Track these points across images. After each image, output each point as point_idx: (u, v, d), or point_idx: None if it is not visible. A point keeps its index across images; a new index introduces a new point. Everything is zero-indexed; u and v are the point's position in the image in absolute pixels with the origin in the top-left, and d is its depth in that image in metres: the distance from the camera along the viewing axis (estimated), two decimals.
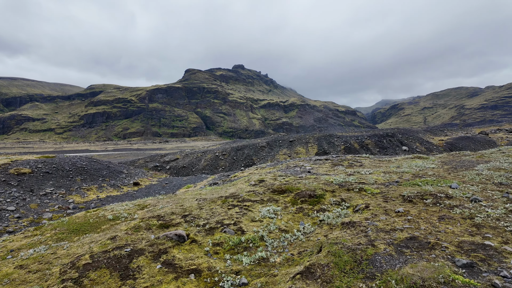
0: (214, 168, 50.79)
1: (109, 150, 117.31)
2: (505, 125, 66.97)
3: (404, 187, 8.93)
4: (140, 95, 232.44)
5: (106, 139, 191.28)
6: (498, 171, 10.60)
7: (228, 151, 54.81)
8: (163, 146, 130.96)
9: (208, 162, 52.52)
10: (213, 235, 6.26)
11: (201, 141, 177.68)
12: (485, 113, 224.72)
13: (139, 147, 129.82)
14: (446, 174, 10.68)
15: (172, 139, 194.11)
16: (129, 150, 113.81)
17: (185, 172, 50.92)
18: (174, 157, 56.45)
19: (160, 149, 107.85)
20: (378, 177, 10.72)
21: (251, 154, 53.17)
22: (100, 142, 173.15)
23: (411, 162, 13.91)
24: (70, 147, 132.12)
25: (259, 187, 9.46)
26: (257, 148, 54.92)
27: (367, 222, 6.23)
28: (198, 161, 53.35)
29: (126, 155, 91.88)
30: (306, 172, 12.03)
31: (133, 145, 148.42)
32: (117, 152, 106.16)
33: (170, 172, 51.92)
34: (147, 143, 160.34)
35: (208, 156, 54.51)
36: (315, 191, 8.63)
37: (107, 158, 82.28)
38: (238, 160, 51.67)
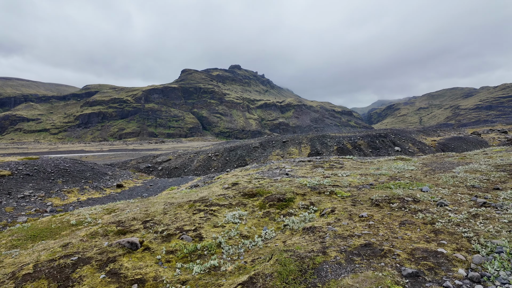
0: (206, 169, 50.57)
1: (105, 150, 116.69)
2: (498, 125, 67.36)
3: (376, 190, 8.81)
4: (136, 95, 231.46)
5: (102, 139, 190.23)
6: (474, 173, 10.52)
7: (221, 152, 54.60)
8: (159, 147, 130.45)
9: (201, 163, 52.28)
10: (169, 242, 6.08)
11: (197, 141, 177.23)
12: (479, 113, 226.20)
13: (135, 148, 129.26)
14: (422, 177, 10.57)
15: (169, 139, 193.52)
16: (124, 151, 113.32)
17: (177, 173, 50.66)
18: (166, 158, 56.13)
19: (156, 150, 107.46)
20: (354, 179, 10.59)
21: (244, 155, 52.99)
22: (95, 142, 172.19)
23: (392, 164, 13.81)
24: (65, 148, 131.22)
25: (231, 191, 9.29)
26: (250, 149, 54.76)
27: (327, 228, 6.09)
28: (190, 162, 53.10)
29: (121, 155, 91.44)
30: (284, 175, 11.88)
31: (128, 145, 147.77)
32: (112, 152, 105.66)
33: (162, 173, 51.66)
34: (143, 143, 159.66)
35: (201, 157, 54.28)
36: (285, 195, 8.47)
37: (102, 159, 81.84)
38: (230, 161, 51.47)
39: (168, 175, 50.31)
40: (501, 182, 9.13)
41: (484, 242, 4.97)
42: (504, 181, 9.16)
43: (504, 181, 9.16)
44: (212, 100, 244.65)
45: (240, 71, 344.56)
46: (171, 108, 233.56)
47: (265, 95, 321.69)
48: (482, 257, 4.49)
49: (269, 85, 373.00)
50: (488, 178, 9.64)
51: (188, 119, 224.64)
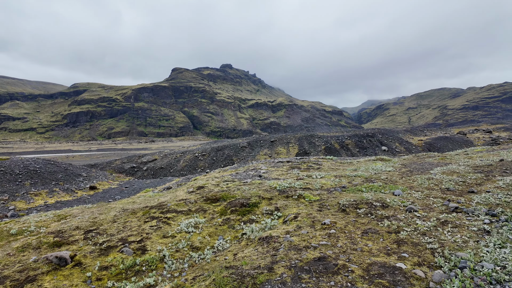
0: (193, 169, 49.73)
1: (93, 150, 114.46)
2: (483, 125, 68.32)
3: (347, 194, 8.30)
4: (125, 94, 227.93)
5: (90, 139, 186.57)
6: (451, 174, 10.12)
7: (208, 152, 53.77)
8: (149, 146, 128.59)
9: (187, 163, 51.37)
10: (106, 256, 5.41)
11: (188, 140, 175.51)
12: (466, 113, 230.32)
13: (124, 147, 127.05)
14: (398, 179, 10.12)
15: (159, 138, 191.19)
16: (113, 150, 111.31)
17: (162, 173, 49.73)
18: (152, 158, 55.04)
19: (145, 149, 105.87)
20: (327, 181, 10.08)
21: (231, 155, 52.30)
22: (84, 142, 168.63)
23: (370, 165, 13.38)
24: (52, 147, 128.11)
25: (194, 195, 8.66)
26: (237, 149, 54.11)
27: (284, 237, 5.52)
28: (176, 162, 52.15)
29: (109, 155, 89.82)
30: (257, 177, 11.29)
31: (117, 145, 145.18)
32: (101, 152, 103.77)
33: (147, 173, 50.65)
34: (133, 143, 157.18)
35: (187, 156, 53.36)
36: (249, 199, 7.88)
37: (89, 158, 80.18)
38: (218, 161, 50.72)
39: (153, 176, 49.35)
40: (477, 184, 8.74)
41: (449, 254, 4.47)
42: (480, 184, 8.77)
43: (480, 184, 8.77)
44: (203, 99, 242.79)
45: (232, 70, 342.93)
46: (161, 107, 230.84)
47: (257, 94, 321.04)
48: (443, 274, 3.98)
49: (261, 84, 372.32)
50: (464, 180, 9.24)
51: (179, 118, 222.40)
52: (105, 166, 53.55)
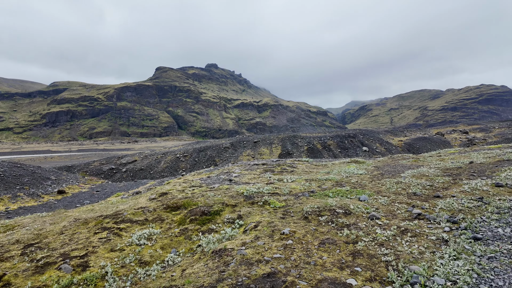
0: (174, 170, 48.81)
1: (73, 150, 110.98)
2: (460, 126, 70.56)
3: (313, 199, 8.07)
4: (107, 93, 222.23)
5: (71, 139, 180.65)
6: (420, 178, 10.10)
7: (190, 153, 52.93)
8: (132, 146, 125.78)
9: (168, 164, 50.38)
10: (42, 274, 4.92)
11: (172, 141, 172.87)
12: (445, 114, 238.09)
13: (106, 148, 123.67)
14: (368, 182, 10.01)
15: (142, 139, 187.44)
16: (94, 151, 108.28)
17: (142, 175, 48.57)
18: (132, 159, 53.64)
19: (128, 149, 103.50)
20: (297, 186, 9.84)
21: (213, 156, 51.68)
22: (64, 142, 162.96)
23: (343, 168, 13.28)
24: (30, 148, 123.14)
25: (155, 202, 8.21)
26: (220, 149, 53.52)
27: (239, 250, 5.19)
28: (157, 163, 51.04)
29: (89, 156, 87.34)
30: (227, 181, 10.93)
31: (99, 145, 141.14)
32: (81, 153, 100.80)
33: (126, 175, 49.34)
34: (115, 143, 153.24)
35: (169, 157, 52.32)
36: (212, 207, 7.52)
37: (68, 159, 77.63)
38: (200, 162, 50.00)
39: (133, 177, 48.15)
40: (444, 188, 8.71)
41: (402, 268, 4.27)
42: (447, 188, 8.75)
43: (447, 188, 8.75)
44: (188, 99, 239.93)
45: (217, 70, 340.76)
46: (145, 106, 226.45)
47: (242, 94, 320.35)
48: None
49: (246, 84, 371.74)
50: (432, 184, 9.22)
51: (163, 118, 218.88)
52: (83, 168, 51.88)
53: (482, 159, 13.29)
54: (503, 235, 5.11)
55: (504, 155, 13.41)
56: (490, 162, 12.37)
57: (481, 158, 13.54)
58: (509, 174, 9.29)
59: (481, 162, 12.49)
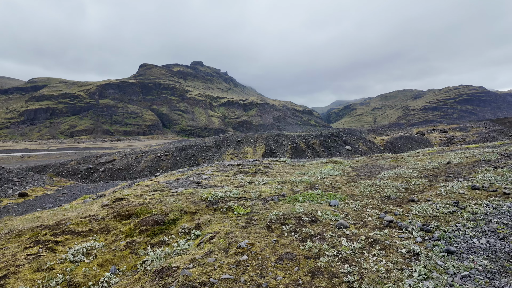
0: (154, 170, 47.47)
1: (53, 149, 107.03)
2: (440, 125, 72.11)
3: (281, 204, 7.43)
4: (89, 90, 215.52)
5: (51, 137, 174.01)
6: (396, 180, 9.66)
7: (171, 152, 51.63)
8: (115, 145, 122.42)
9: (148, 164, 48.95)
10: None
11: (157, 139, 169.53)
12: (426, 114, 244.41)
13: (88, 146, 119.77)
14: (342, 185, 9.48)
15: (125, 137, 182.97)
16: (75, 149, 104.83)
17: (121, 175, 47.03)
18: (110, 158, 51.87)
19: (111, 148, 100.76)
20: (268, 188, 9.20)
21: (196, 155, 50.62)
22: (43, 140, 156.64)
23: (319, 169, 12.76)
24: (6, 147, 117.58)
25: (106, 210, 7.35)
26: (203, 148, 52.49)
27: (183, 269, 4.47)
28: (137, 163, 49.51)
29: (69, 155, 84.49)
30: (194, 184, 10.15)
31: (81, 144, 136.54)
32: (61, 151, 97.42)
33: (104, 175, 47.67)
34: (97, 141, 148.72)
35: (149, 157, 50.84)
36: (168, 215, 6.75)
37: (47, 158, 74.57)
38: (181, 161, 48.82)
39: (111, 177, 46.52)
40: (419, 191, 8.27)
41: None
42: (423, 190, 8.32)
43: (423, 190, 8.32)
44: (173, 97, 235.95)
45: (203, 68, 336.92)
46: (128, 104, 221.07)
47: (228, 93, 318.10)
48: None
49: (232, 83, 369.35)
50: (407, 186, 8.77)
51: (147, 116, 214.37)
52: (58, 167, 49.83)
53: (459, 159, 13.09)
54: (478, 247, 4.61)
55: (481, 155, 13.26)
56: (467, 162, 12.14)
57: (459, 158, 13.33)
58: (486, 176, 8.97)
59: (458, 163, 12.25)
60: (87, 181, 44.77)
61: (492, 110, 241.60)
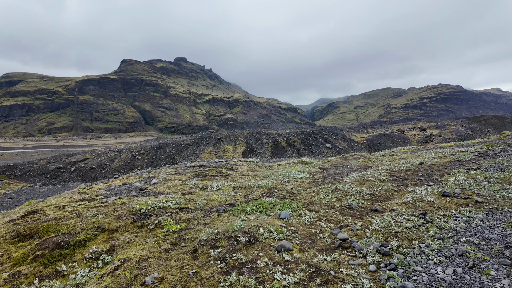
0: (128, 169, 45.52)
1: (29, 147, 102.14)
2: (419, 123, 73.13)
3: (225, 217, 6.29)
4: (68, 86, 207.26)
5: (27, 134, 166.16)
6: (362, 184, 8.71)
7: (147, 150, 49.69)
8: (95, 143, 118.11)
9: (122, 163, 46.90)
10: None
11: (139, 136, 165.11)
12: (407, 112, 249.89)
13: (66, 144, 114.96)
14: (302, 190, 8.43)
15: (106, 134, 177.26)
16: (53, 147, 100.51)
17: (93, 174, 44.91)
18: (82, 157, 49.44)
19: (90, 146, 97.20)
20: (219, 196, 8.03)
21: (173, 153, 48.97)
22: (18, 138, 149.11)
23: (287, 170, 11.72)
24: None
25: (8, 227, 5.97)
26: (180, 146, 50.81)
27: None
28: (110, 162, 47.38)
29: (45, 153, 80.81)
30: (136, 190, 8.85)
31: (59, 141, 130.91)
32: (37, 149, 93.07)
33: (75, 174, 45.39)
34: (77, 139, 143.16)
35: (123, 155, 48.75)
36: (77, 235, 5.47)
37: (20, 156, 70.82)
38: (158, 160, 47.04)
39: (82, 177, 44.36)
40: (385, 198, 7.32)
41: None
42: (389, 197, 7.38)
43: (389, 197, 7.38)
44: (156, 93, 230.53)
45: (187, 64, 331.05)
46: (109, 100, 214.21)
47: (213, 90, 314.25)
48: None
49: (217, 79, 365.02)
50: (373, 192, 7.81)
51: (129, 113, 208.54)
52: (26, 167, 47.13)
53: (433, 159, 12.37)
54: (442, 280, 3.61)
55: (455, 155, 12.61)
56: (440, 163, 11.42)
57: (432, 158, 12.62)
58: (458, 179, 8.15)
59: (432, 163, 11.51)
60: (56, 181, 42.38)
61: (468, 108, 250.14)
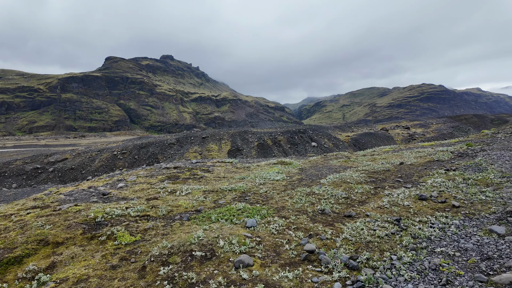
0: (109, 169, 44.16)
1: (8, 147, 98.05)
2: (403, 122, 74.26)
3: (187, 226, 5.75)
4: (50, 84, 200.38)
5: (7, 133, 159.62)
6: (339, 186, 8.33)
7: (129, 149, 48.36)
8: (78, 142, 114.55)
9: (103, 163, 45.50)
10: None
11: (124, 135, 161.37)
12: (392, 111, 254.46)
13: (48, 143, 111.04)
14: (277, 193, 7.98)
15: (90, 133, 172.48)
16: (34, 147, 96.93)
17: (72, 175, 43.37)
18: (61, 157, 47.73)
19: (74, 145, 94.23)
20: (186, 201, 7.48)
21: (156, 153, 47.86)
22: None
23: (265, 171, 11.24)
24: None
25: None
26: (164, 146, 49.74)
27: None
28: (91, 162, 45.90)
29: (26, 152, 77.77)
30: (99, 195, 8.17)
31: (40, 140, 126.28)
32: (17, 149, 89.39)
33: (53, 175, 43.72)
34: (59, 138, 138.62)
35: (104, 155, 47.31)
36: (14, 250, 4.81)
37: None
38: (140, 160, 45.82)
39: (61, 178, 42.79)
40: (360, 202, 6.95)
41: None
42: (364, 201, 7.01)
43: (364, 201, 7.01)
44: (142, 92, 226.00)
45: (173, 62, 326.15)
46: (93, 99, 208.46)
47: (200, 88, 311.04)
48: None
49: (204, 78, 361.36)
50: (348, 195, 7.43)
51: (114, 111, 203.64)
52: (1, 168, 45.02)
53: (413, 159, 12.18)
54: None
55: (435, 155, 12.46)
56: (420, 163, 11.22)
57: (412, 158, 12.43)
58: (436, 181, 7.87)
59: (411, 163, 11.29)
60: (33, 182, 40.70)
61: (450, 107, 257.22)
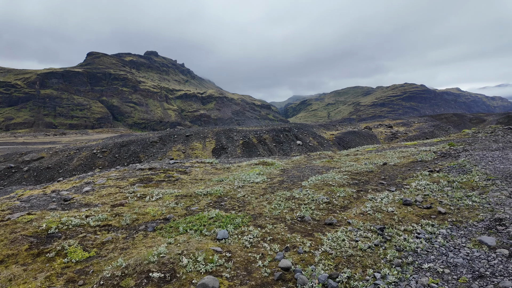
0: (88, 168, 42.63)
1: None
2: (386, 120, 75.43)
3: (150, 239, 5.14)
4: (28, 79, 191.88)
5: None
6: (321, 189, 7.90)
7: (109, 148, 46.77)
8: (58, 139, 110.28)
9: (82, 162, 43.86)
10: None
11: (107, 133, 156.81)
12: (375, 109, 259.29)
13: (26, 141, 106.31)
14: (255, 198, 7.44)
15: (71, 131, 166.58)
16: (10, 145, 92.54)
17: (49, 174, 41.60)
18: (37, 156, 45.69)
19: (54, 143, 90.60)
20: (156, 208, 6.84)
21: (138, 151, 46.49)
22: None
23: (245, 173, 10.70)
24: None
25: None
26: (146, 144, 48.39)
27: None
28: (69, 161, 44.12)
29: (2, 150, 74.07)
30: (59, 201, 7.39)
31: (18, 138, 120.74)
32: None
33: (28, 175, 41.83)
34: (38, 135, 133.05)
35: (83, 154, 45.57)
36: None
37: None
38: (121, 158, 44.40)
39: (37, 178, 40.96)
40: (342, 208, 6.53)
41: None
42: (346, 206, 6.59)
43: (346, 206, 6.59)
44: (125, 88, 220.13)
45: (158, 58, 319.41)
46: (74, 95, 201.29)
47: (186, 85, 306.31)
48: None
49: (190, 75, 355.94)
50: (330, 200, 7.00)
51: (96, 108, 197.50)
52: None
53: (396, 159, 11.95)
54: None
55: (418, 155, 12.28)
56: (403, 163, 10.98)
57: (396, 158, 12.21)
58: (420, 184, 7.57)
59: (395, 164, 11.04)
60: (6, 182, 38.66)
61: (431, 106, 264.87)
